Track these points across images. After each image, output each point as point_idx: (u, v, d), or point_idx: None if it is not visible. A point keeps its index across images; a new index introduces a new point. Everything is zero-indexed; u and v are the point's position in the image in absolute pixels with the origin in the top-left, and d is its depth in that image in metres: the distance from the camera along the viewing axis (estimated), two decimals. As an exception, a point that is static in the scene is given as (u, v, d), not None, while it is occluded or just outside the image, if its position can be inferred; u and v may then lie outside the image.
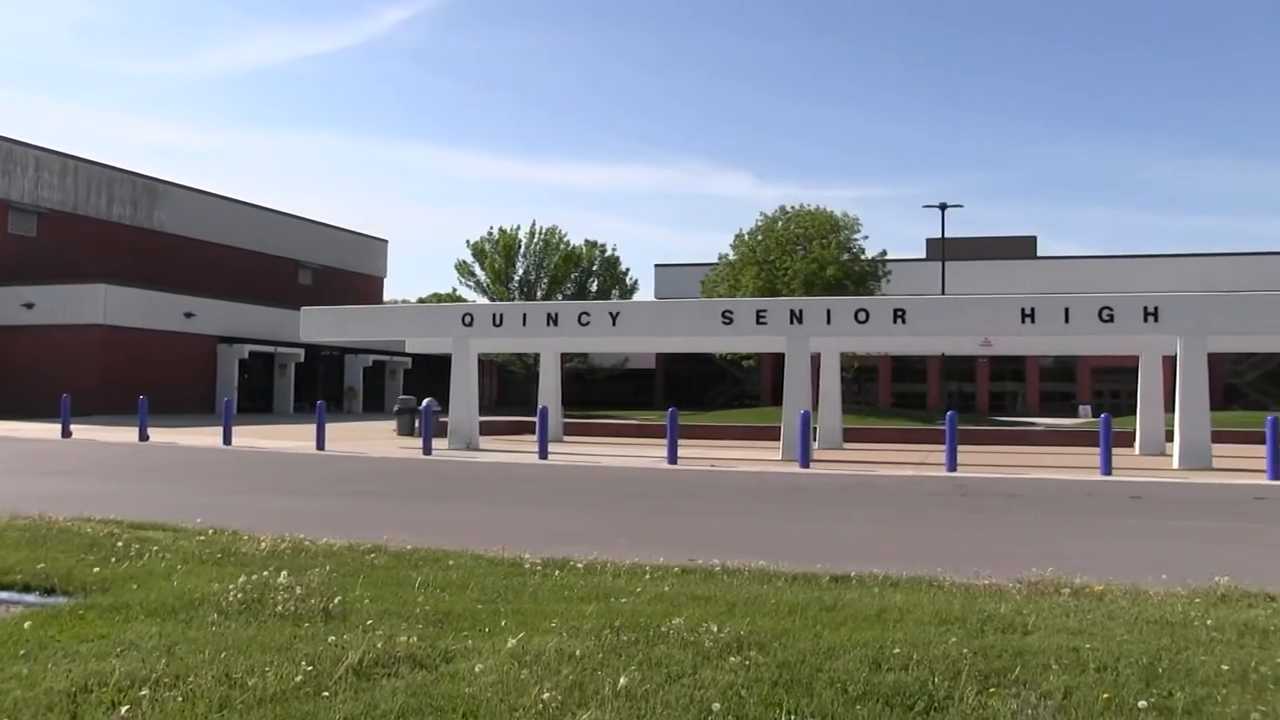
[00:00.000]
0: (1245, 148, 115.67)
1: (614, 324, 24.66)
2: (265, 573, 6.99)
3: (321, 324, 28.85)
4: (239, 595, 6.48)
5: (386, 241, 66.98)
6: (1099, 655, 5.36)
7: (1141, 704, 4.54)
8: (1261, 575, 7.81)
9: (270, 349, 48.31)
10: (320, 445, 23.82)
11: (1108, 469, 18.85)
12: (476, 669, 4.96)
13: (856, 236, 48.11)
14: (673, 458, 20.87)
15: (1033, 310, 21.97)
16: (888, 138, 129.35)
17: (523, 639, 5.50)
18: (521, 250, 57.19)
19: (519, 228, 57.12)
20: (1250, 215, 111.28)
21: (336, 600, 6.40)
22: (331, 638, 5.54)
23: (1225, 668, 5.17)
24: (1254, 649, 5.63)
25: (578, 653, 5.28)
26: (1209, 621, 6.23)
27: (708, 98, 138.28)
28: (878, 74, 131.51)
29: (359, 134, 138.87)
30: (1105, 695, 4.68)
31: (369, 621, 5.96)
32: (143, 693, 4.63)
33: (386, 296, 66.65)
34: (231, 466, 19.91)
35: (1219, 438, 22.60)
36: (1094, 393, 62.90)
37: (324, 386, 51.80)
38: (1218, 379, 46.46)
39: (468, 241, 57.76)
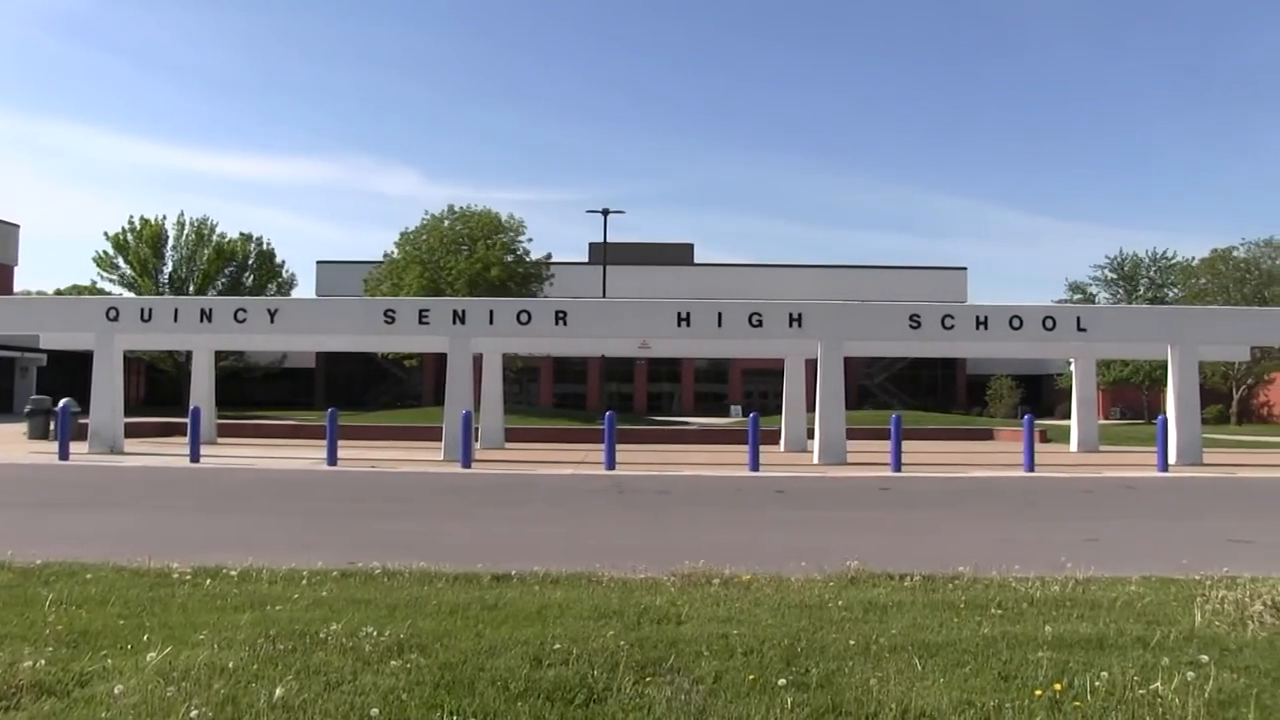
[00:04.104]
0: (880, 170, 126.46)
1: (272, 321, 23.76)
2: None
3: (-64, 316, 25.86)
4: None
5: (18, 226, 60.63)
6: (746, 640, 5.73)
7: (781, 682, 4.91)
8: (885, 557, 8.62)
9: None
10: (-70, 451, 21.41)
11: (755, 465, 20.04)
12: (116, 690, 4.61)
13: (521, 239, 48.78)
14: (332, 459, 20.35)
15: (688, 314, 23.10)
16: (553, 142, 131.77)
17: (169, 654, 5.19)
18: (170, 243, 53.81)
19: (164, 218, 53.78)
20: (882, 231, 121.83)
21: (-53, 628, 5.75)
22: (-63, 671, 4.93)
23: (852, 642, 5.69)
24: (876, 624, 6.25)
25: (230, 665, 5.05)
26: (840, 602, 6.84)
27: (376, 92, 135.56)
28: (545, 78, 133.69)
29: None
30: (751, 677, 5.01)
31: (-14, 648, 5.39)
32: None
33: (18, 287, 60.51)
34: None
35: (853, 435, 24.63)
36: (744, 393, 66.88)
37: (-63, 386, 46.50)
38: (853, 381, 50.55)
39: (106, 233, 53.71)
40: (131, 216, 54.20)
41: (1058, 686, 4.83)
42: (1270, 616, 6.29)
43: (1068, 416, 32.41)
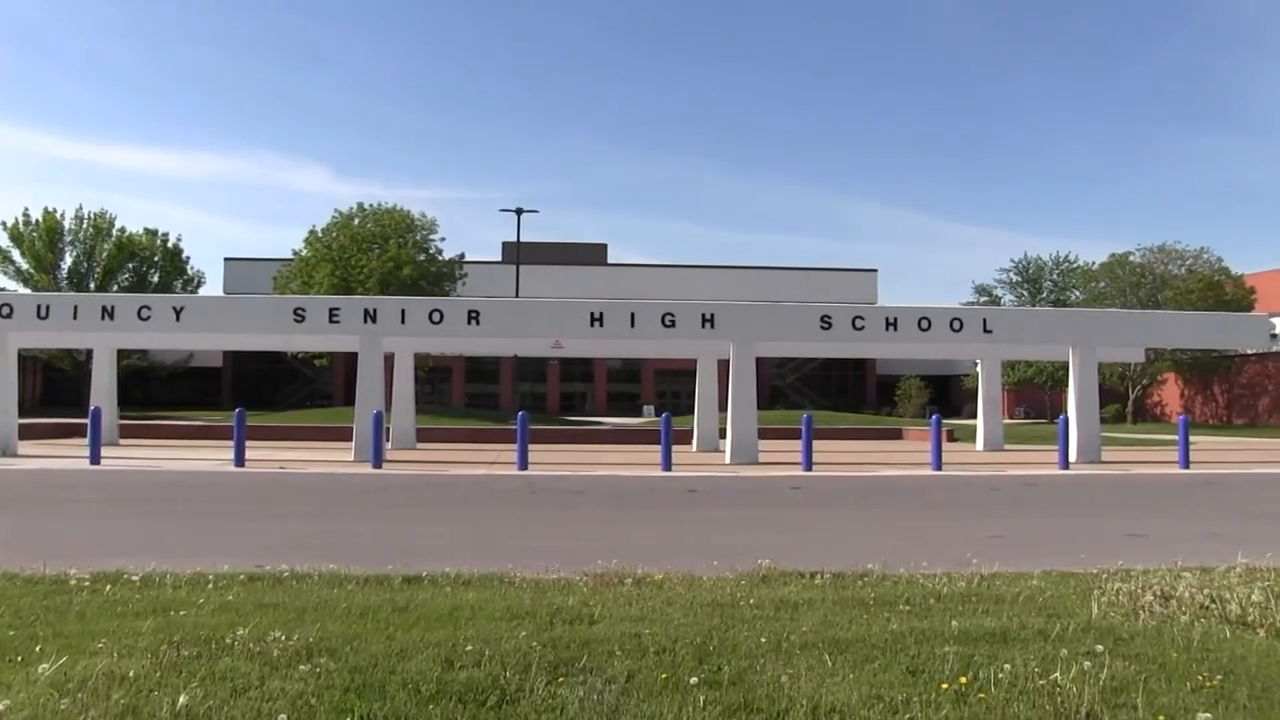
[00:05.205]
0: (794, 175, 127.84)
1: (178, 319, 23.19)
2: None
3: None
4: None
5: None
6: (658, 639, 5.76)
7: (694, 680, 4.94)
8: (795, 555, 8.70)
9: None
10: None
11: (668, 465, 20.12)
12: (2, 706, 4.42)
13: (434, 237, 48.45)
14: (240, 460, 19.96)
15: (601, 314, 23.10)
16: (466, 141, 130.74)
17: (64, 664, 5.01)
18: (69, 237, 52.32)
19: (61, 212, 52.29)
20: (795, 234, 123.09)
21: None
22: None
23: (764, 640, 5.75)
24: (787, 621, 6.32)
25: (131, 673, 4.91)
26: (752, 600, 6.89)
27: (284, 87, 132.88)
28: (458, 75, 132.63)
29: None
30: (664, 675, 5.03)
31: None
32: None
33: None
34: None
35: (765, 435, 24.83)
36: (657, 393, 67.14)
37: None
38: (764, 381, 51.01)
39: (3, 224, 52.07)
40: (26, 208, 52.64)
41: (963, 679, 4.94)
42: (1159, 606, 6.54)
43: (974, 416, 33.11)
